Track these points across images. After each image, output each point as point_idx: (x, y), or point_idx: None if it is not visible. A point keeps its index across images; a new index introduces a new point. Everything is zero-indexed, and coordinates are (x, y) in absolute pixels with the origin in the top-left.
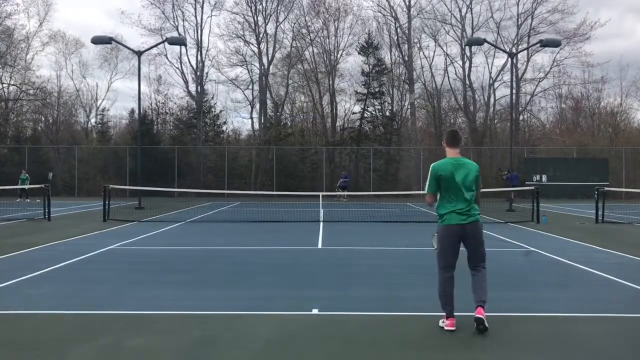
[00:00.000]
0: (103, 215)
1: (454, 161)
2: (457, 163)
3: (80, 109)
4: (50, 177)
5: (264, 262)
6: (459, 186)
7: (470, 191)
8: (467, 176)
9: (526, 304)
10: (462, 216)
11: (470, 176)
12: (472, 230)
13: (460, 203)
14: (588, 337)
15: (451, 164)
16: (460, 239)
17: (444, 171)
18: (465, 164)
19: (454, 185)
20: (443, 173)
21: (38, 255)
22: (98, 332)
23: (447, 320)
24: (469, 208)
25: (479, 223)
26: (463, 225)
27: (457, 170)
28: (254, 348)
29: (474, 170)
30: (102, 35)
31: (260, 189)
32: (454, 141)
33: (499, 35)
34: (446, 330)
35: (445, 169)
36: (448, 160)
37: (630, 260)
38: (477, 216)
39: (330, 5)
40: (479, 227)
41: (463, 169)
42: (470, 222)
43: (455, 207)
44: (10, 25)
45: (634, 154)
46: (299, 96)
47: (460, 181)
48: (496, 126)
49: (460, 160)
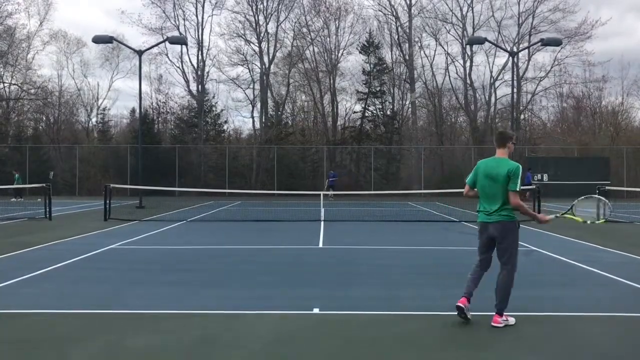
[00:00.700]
0: (104, 215)
1: (491, 161)
2: (492, 163)
3: (81, 108)
4: (52, 177)
5: (265, 262)
6: (485, 186)
7: (497, 191)
8: (495, 177)
9: (527, 303)
10: (486, 215)
11: (500, 177)
12: (496, 229)
13: (485, 202)
14: (589, 336)
15: (487, 164)
16: (488, 236)
17: (480, 169)
18: (498, 165)
19: (482, 185)
20: (479, 170)
21: (39, 254)
22: (99, 331)
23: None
24: (494, 208)
25: (504, 223)
26: (487, 224)
27: (489, 170)
28: (255, 347)
29: (506, 171)
30: (103, 34)
31: (261, 188)
32: (496, 142)
33: (499, 34)
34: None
35: (481, 167)
36: (488, 159)
37: (631, 260)
38: (504, 216)
39: (331, 4)
40: (503, 227)
41: (495, 169)
42: (495, 221)
43: (481, 205)
44: (11, 24)
45: (635, 153)
46: (300, 95)
47: (488, 181)
48: (497, 125)
49: (497, 160)
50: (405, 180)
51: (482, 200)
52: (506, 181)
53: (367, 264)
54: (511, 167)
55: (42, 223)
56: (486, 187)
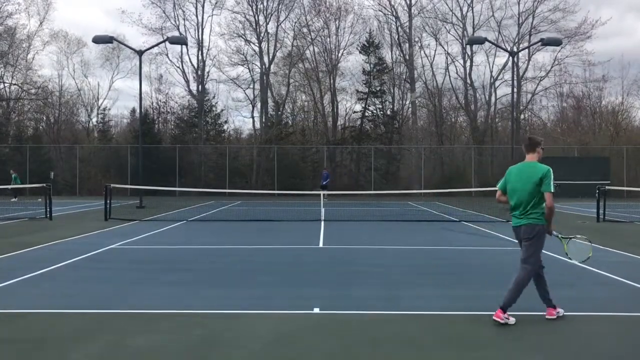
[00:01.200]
0: (104, 215)
1: (523, 166)
2: (524, 168)
3: (81, 108)
4: (52, 177)
5: (265, 261)
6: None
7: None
8: (528, 181)
9: (527, 303)
10: (518, 219)
11: (532, 181)
12: (525, 231)
13: (517, 206)
14: (589, 336)
15: (519, 169)
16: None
17: (511, 174)
18: (530, 169)
19: (514, 189)
20: (511, 176)
21: (39, 254)
22: (99, 331)
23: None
24: (525, 211)
25: (533, 225)
26: (519, 227)
27: (521, 175)
28: (255, 347)
29: (538, 174)
30: (103, 34)
31: (262, 188)
32: (526, 147)
33: (500, 34)
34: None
35: (512, 172)
36: (520, 164)
37: (631, 259)
38: (533, 219)
39: (331, 4)
40: (532, 229)
41: (527, 174)
42: (525, 223)
43: (513, 210)
44: (12, 24)
45: (635, 152)
46: (300, 95)
47: (520, 186)
48: (497, 125)
49: (528, 165)
50: (405, 180)
51: (514, 204)
52: (538, 185)
53: (367, 264)
54: (543, 170)
55: (43, 223)
56: (518, 192)
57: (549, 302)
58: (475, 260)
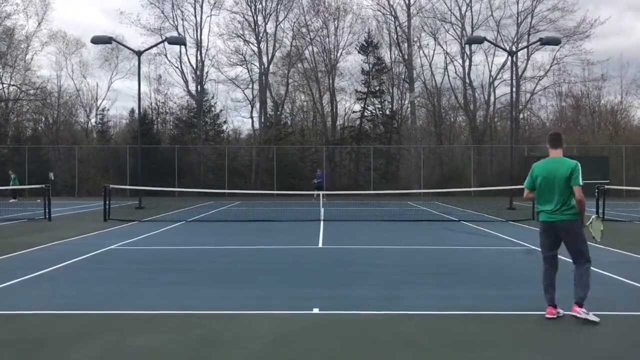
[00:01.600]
0: (103, 215)
1: (550, 162)
2: (553, 164)
3: (80, 108)
4: (52, 178)
5: (265, 261)
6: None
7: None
8: (558, 176)
9: (527, 303)
10: (549, 214)
11: (562, 176)
12: (562, 228)
13: (548, 202)
14: (589, 335)
15: (546, 165)
16: (554, 235)
17: (539, 170)
18: (558, 165)
19: (543, 185)
20: (539, 172)
21: (39, 255)
22: (99, 331)
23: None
24: (557, 207)
25: (568, 222)
26: (552, 223)
27: (550, 171)
28: (255, 347)
29: (568, 169)
30: (102, 35)
31: (261, 188)
32: (552, 143)
33: (498, 34)
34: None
35: (540, 169)
36: (546, 160)
37: (631, 258)
38: (568, 215)
39: (330, 4)
40: (569, 225)
41: (556, 169)
42: (559, 220)
43: (542, 206)
44: (10, 25)
45: (634, 151)
46: (299, 95)
47: (550, 181)
48: (496, 124)
49: (556, 160)
50: (404, 180)
51: (543, 201)
52: (568, 179)
53: (366, 264)
54: (572, 164)
55: (42, 224)
56: (548, 187)
57: (554, 301)
58: (475, 259)
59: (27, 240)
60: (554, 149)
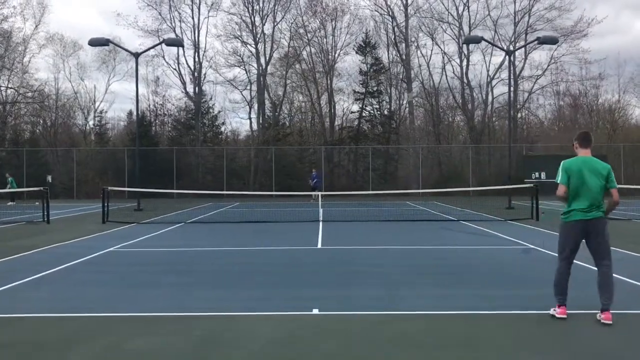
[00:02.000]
0: (102, 217)
1: (587, 160)
2: (591, 162)
3: (78, 111)
4: (50, 180)
5: (264, 263)
6: (587, 184)
7: (599, 189)
8: (598, 176)
9: (526, 302)
10: (585, 213)
11: (601, 176)
12: (595, 226)
13: (585, 200)
14: (589, 334)
15: (584, 163)
16: (584, 234)
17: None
18: (596, 164)
19: (582, 183)
20: (576, 169)
21: (38, 257)
22: (98, 334)
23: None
24: (595, 205)
25: (601, 219)
26: (585, 221)
27: (590, 169)
28: (255, 348)
29: (606, 170)
30: (99, 37)
31: (259, 189)
32: (585, 142)
33: (496, 33)
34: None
35: (577, 166)
36: (580, 158)
37: (629, 257)
38: (601, 212)
39: (327, 4)
40: (601, 223)
41: (596, 168)
42: (593, 217)
43: (577, 204)
44: (7, 28)
45: (632, 150)
46: (297, 96)
47: (590, 180)
48: (494, 124)
49: (592, 159)
50: (403, 180)
51: (579, 199)
52: (605, 180)
53: (366, 264)
54: (607, 166)
55: (40, 226)
56: (587, 186)
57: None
58: (474, 259)
59: (25, 243)
60: (585, 148)
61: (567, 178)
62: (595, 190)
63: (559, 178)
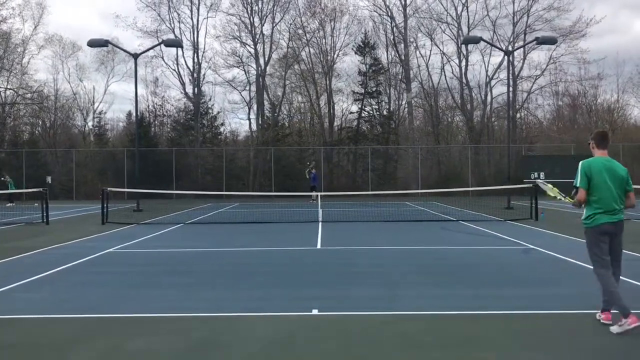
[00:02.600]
0: (102, 218)
1: (608, 161)
2: (611, 164)
3: (77, 112)
4: (49, 181)
5: (264, 263)
6: (611, 186)
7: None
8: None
9: (526, 302)
10: (612, 215)
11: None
12: (619, 227)
13: (610, 202)
14: (589, 334)
15: (604, 164)
16: (611, 236)
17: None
18: (616, 165)
19: (607, 185)
20: (598, 171)
21: (37, 258)
22: (98, 335)
23: (603, 314)
24: (620, 206)
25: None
26: (613, 224)
27: (612, 171)
28: (254, 349)
29: (625, 171)
30: (98, 38)
31: (259, 189)
32: (603, 142)
33: (495, 34)
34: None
35: (598, 168)
36: (599, 159)
37: (628, 257)
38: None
39: (326, 5)
40: (622, 224)
41: (617, 170)
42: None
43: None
44: (6, 29)
45: (631, 150)
46: (296, 97)
47: (614, 181)
48: (493, 124)
49: (611, 161)
50: (402, 180)
51: (604, 201)
52: (625, 182)
53: (365, 264)
54: (625, 168)
55: (40, 227)
56: (608, 188)
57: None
58: (474, 259)
59: (24, 244)
60: (602, 149)
61: (587, 180)
62: (615, 192)
63: (578, 181)
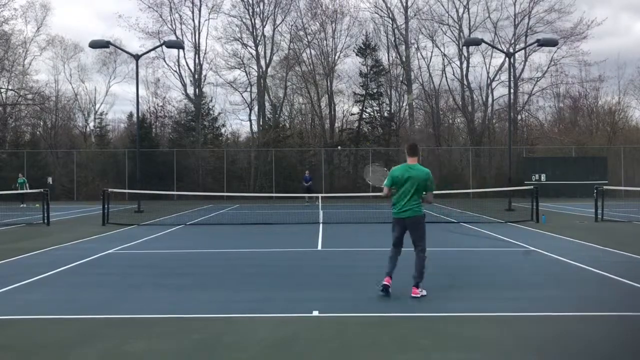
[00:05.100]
0: (102, 219)
1: (408, 167)
2: (410, 169)
3: (78, 113)
4: (50, 182)
5: (264, 264)
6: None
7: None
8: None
9: (526, 304)
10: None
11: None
12: (412, 222)
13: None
14: (588, 336)
15: (404, 169)
16: (404, 228)
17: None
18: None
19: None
20: (397, 175)
21: (37, 259)
22: (98, 336)
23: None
24: (410, 205)
25: (418, 217)
26: (403, 219)
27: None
28: (254, 350)
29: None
30: (99, 39)
31: (260, 191)
32: (411, 152)
33: (496, 35)
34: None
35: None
36: (404, 165)
37: (629, 259)
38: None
39: (327, 7)
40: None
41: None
42: (409, 216)
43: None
44: (8, 30)
45: (632, 152)
46: (297, 98)
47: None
48: (494, 126)
49: (413, 166)
50: None
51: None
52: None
53: (366, 266)
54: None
55: (40, 228)
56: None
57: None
58: (474, 261)
59: (25, 245)
60: (412, 157)
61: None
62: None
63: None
